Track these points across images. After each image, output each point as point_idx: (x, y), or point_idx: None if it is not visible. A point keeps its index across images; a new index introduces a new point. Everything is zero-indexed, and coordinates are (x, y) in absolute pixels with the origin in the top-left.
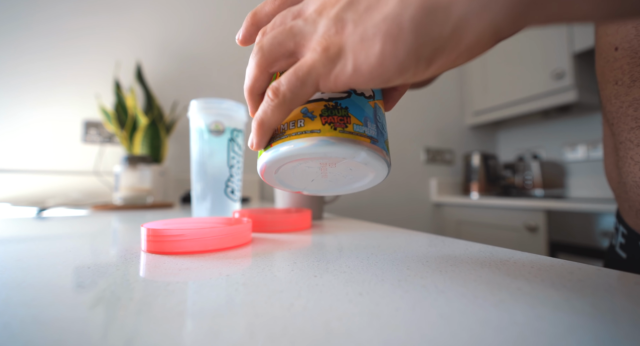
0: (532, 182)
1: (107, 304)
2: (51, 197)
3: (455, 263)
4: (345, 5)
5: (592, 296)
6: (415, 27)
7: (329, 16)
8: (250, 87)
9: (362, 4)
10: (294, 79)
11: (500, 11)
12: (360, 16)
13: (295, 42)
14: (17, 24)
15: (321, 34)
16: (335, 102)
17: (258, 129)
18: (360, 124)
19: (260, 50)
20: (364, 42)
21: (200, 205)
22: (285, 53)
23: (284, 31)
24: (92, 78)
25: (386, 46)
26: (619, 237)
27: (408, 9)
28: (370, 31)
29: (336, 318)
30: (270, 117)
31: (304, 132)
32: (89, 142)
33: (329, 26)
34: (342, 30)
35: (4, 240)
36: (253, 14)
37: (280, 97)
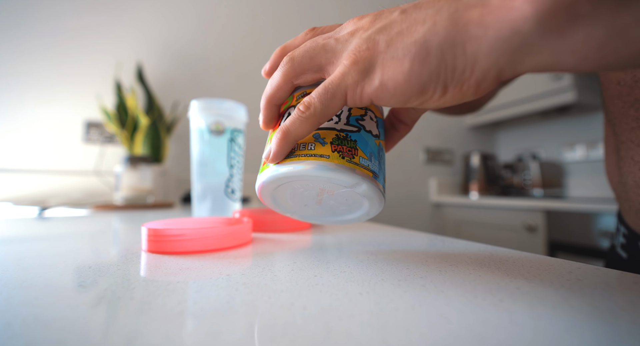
0: (531, 182)
1: (108, 304)
2: (52, 196)
3: (455, 263)
4: (378, 29)
5: (590, 296)
6: (440, 53)
7: (361, 37)
8: (270, 95)
9: (394, 28)
10: (324, 92)
11: (502, 55)
12: (391, 38)
13: (326, 58)
14: (18, 23)
15: (352, 50)
16: (346, 133)
17: (282, 139)
18: (365, 158)
19: (291, 60)
20: (394, 60)
21: (200, 205)
22: (314, 67)
23: (317, 46)
24: (93, 78)
25: (414, 66)
26: (619, 237)
27: (436, 38)
28: (401, 51)
29: (336, 318)
30: (297, 128)
31: (314, 155)
32: (90, 142)
33: (360, 43)
34: (373, 48)
35: (5, 239)
36: (283, 48)
37: (312, 109)
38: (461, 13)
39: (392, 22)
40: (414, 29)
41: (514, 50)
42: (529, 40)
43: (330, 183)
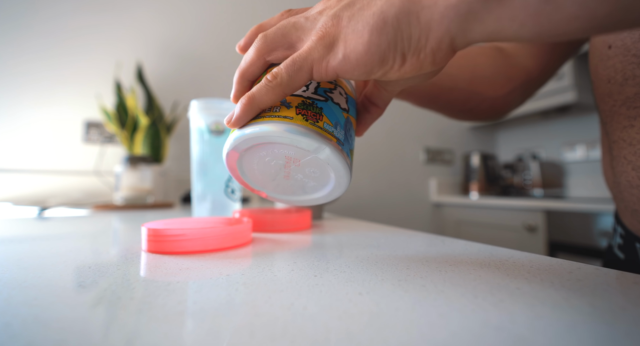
0: (531, 182)
1: (107, 304)
2: (52, 196)
3: (455, 263)
4: (343, 6)
5: (591, 296)
6: (397, 23)
7: (328, 14)
8: (244, 70)
9: (357, 4)
10: (291, 64)
11: (452, 22)
12: (353, 13)
13: (296, 35)
14: (18, 23)
15: (319, 27)
16: (313, 100)
17: (246, 104)
18: (330, 124)
19: (264, 37)
20: (355, 32)
21: (200, 205)
22: (285, 43)
23: (288, 24)
24: (93, 78)
25: (373, 36)
26: (617, 237)
27: (392, 8)
28: (361, 24)
29: (336, 318)
30: (263, 96)
31: (277, 117)
32: (90, 142)
33: (326, 21)
34: (337, 24)
35: (5, 239)
36: (259, 26)
37: (278, 79)
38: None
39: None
40: (374, 3)
41: (462, 18)
42: (473, 7)
43: (293, 146)
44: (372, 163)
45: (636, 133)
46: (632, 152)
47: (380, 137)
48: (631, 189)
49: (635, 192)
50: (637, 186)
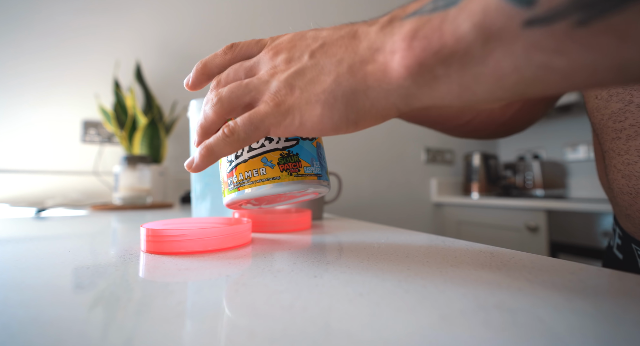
0: (532, 182)
1: (106, 304)
2: (50, 197)
3: (456, 264)
4: (293, 74)
5: (593, 297)
6: (345, 100)
7: (280, 79)
8: (205, 127)
9: (307, 75)
10: (249, 124)
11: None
12: (305, 85)
13: (251, 96)
14: (16, 23)
15: (274, 92)
16: (288, 150)
17: (206, 156)
18: (308, 165)
19: (220, 101)
20: (308, 105)
21: (199, 205)
22: (241, 104)
23: (241, 86)
24: (91, 78)
25: (324, 110)
26: (616, 238)
27: (340, 88)
28: (313, 98)
29: (336, 319)
30: (221, 149)
31: (267, 179)
32: (88, 142)
33: (280, 87)
34: (291, 93)
35: (2, 240)
36: (204, 65)
37: (235, 136)
38: (358, 67)
39: (304, 68)
40: (322, 79)
41: (403, 96)
42: (410, 90)
43: (285, 194)
44: (372, 163)
45: (623, 144)
46: (621, 161)
47: (380, 136)
48: (622, 195)
49: (627, 199)
50: (627, 193)
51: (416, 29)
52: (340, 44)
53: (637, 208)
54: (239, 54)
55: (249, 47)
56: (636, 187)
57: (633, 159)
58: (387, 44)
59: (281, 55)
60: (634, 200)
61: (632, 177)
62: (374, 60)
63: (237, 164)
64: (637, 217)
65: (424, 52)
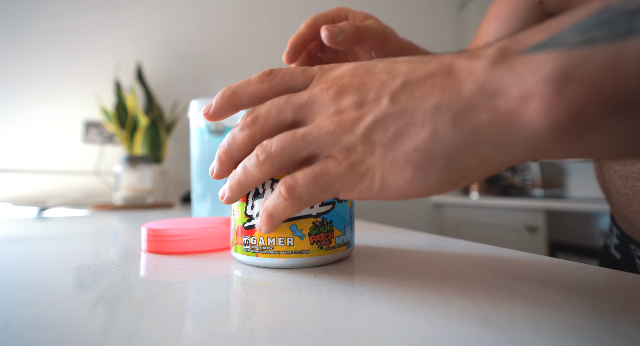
0: (531, 182)
1: (107, 304)
2: (52, 196)
3: (455, 263)
4: (371, 125)
5: (591, 296)
6: (446, 161)
7: (354, 134)
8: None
9: (390, 127)
10: (314, 185)
11: (517, 156)
12: (389, 141)
13: (309, 151)
14: (18, 21)
15: (347, 149)
16: (322, 217)
17: (268, 221)
18: (340, 234)
19: (270, 158)
20: (394, 167)
21: (200, 205)
22: (296, 161)
23: (296, 139)
24: (93, 78)
25: (416, 174)
26: (613, 238)
27: (440, 145)
28: (401, 158)
29: (336, 318)
30: (281, 212)
31: (293, 252)
32: (90, 142)
33: (354, 143)
34: (370, 151)
35: (4, 240)
36: (232, 93)
37: (296, 198)
38: (466, 116)
39: (386, 116)
40: (414, 132)
41: (532, 152)
42: (547, 146)
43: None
44: None
45: None
46: (617, 162)
47: None
48: (619, 196)
49: (623, 199)
50: (624, 194)
51: (567, 67)
52: (432, 83)
53: (634, 209)
54: (279, 83)
55: (293, 76)
56: (633, 188)
57: (630, 160)
58: (511, 87)
59: (347, 95)
60: (631, 201)
61: (629, 178)
62: (490, 108)
63: None
64: (635, 218)
65: (585, 100)
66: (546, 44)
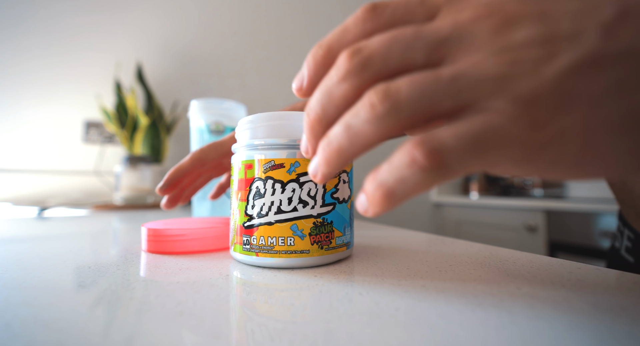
0: (531, 181)
1: (107, 304)
2: (52, 196)
3: (455, 263)
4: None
5: (591, 296)
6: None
7: (540, 78)
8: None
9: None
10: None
11: None
12: (603, 93)
13: (456, 102)
14: (18, 21)
15: (525, 102)
16: (323, 218)
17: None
18: (340, 235)
19: (396, 108)
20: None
21: (200, 205)
22: (434, 116)
23: (440, 83)
24: (93, 78)
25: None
26: (624, 240)
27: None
28: (622, 120)
29: (336, 318)
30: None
31: (294, 252)
32: (90, 142)
33: (541, 94)
34: (570, 107)
35: (5, 240)
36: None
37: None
38: None
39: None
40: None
41: None
42: None
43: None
44: (372, 163)
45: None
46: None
47: None
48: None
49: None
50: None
51: None
52: None
53: None
54: (390, 20)
55: (408, 6)
56: None
57: None
58: None
59: (522, 26)
60: None
61: None
62: None
63: (260, 224)
64: None
65: None
66: None
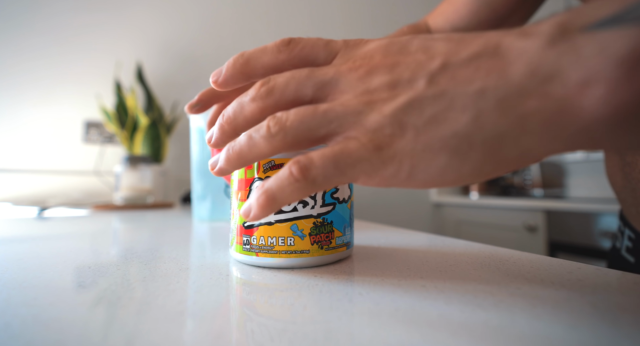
0: (531, 182)
1: (107, 304)
2: (52, 196)
3: (455, 263)
4: (405, 106)
5: (591, 296)
6: (486, 149)
7: (383, 113)
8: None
9: (426, 110)
10: (333, 167)
11: (561, 147)
12: (424, 125)
13: (329, 129)
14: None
15: (373, 130)
16: (323, 218)
17: (267, 204)
18: (340, 235)
19: (283, 131)
20: (427, 153)
21: (200, 205)
22: (312, 139)
23: (316, 115)
24: (93, 78)
25: (452, 161)
26: (624, 240)
27: (481, 132)
28: (437, 144)
29: (336, 318)
30: (287, 196)
31: (294, 252)
32: (90, 142)
33: (383, 124)
34: (401, 134)
35: (5, 239)
36: (245, 61)
37: (310, 180)
38: (513, 102)
39: (422, 98)
40: (453, 116)
41: (579, 144)
42: (596, 136)
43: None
44: None
45: None
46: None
47: None
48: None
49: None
50: None
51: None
52: (476, 65)
53: None
54: (298, 55)
55: (315, 48)
56: None
57: None
58: (571, 70)
59: (379, 75)
60: None
61: None
62: (542, 94)
63: (260, 224)
64: None
65: None
66: (617, 19)
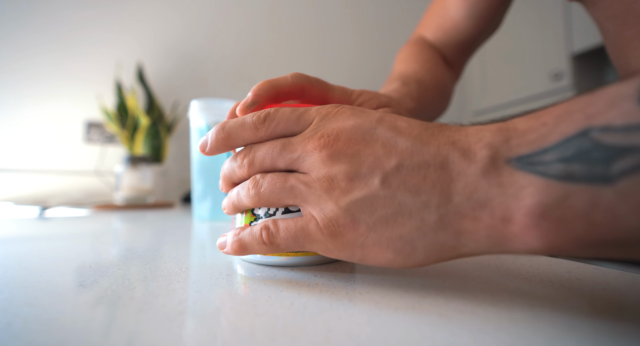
0: None
1: (108, 303)
2: (53, 196)
3: (455, 262)
4: (358, 203)
5: (590, 295)
6: (427, 252)
7: (339, 206)
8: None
9: (377, 211)
10: (293, 241)
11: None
12: (374, 223)
13: (294, 201)
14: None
15: (329, 218)
16: None
17: (238, 250)
18: None
19: (257, 195)
20: (376, 247)
21: (201, 205)
22: (282, 204)
23: (284, 189)
24: (94, 78)
25: (397, 257)
26: None
27: (424, 239)
28: (385, 242)
29: (336, 318)
30: (255, 250)
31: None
32: (91, 142)
33: (338, 215)
34: (353, 227)
35: (6, 239)
36: (227, 136)
37: (274, 246)
38: (451, 219)
39: (374, 198)
40: (400, 220)
41: (502, 251)
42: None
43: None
44: None
45: None
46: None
47: None
48: None
49: None
50: None
51: (546, 204)
52: (425, 175)
53: None
54: (274, 132)
55: (288, 123)
56: None
57: None
58: (496, 204)
59: (339, 163)
60: None
61: None
62: (475, 218)
63: None
64: None
65: (558, 237)
66: (532, 162)
